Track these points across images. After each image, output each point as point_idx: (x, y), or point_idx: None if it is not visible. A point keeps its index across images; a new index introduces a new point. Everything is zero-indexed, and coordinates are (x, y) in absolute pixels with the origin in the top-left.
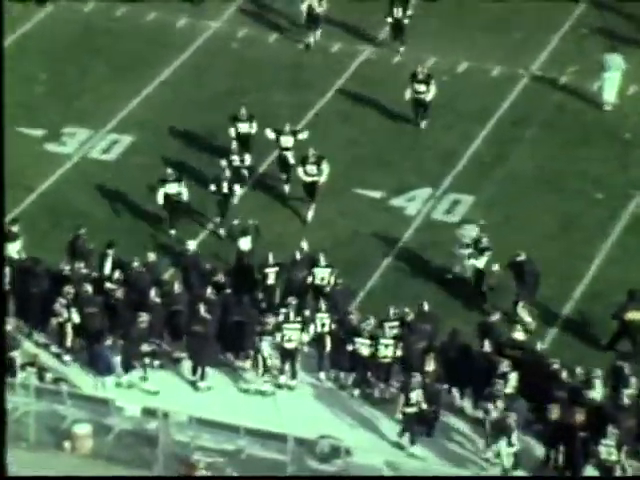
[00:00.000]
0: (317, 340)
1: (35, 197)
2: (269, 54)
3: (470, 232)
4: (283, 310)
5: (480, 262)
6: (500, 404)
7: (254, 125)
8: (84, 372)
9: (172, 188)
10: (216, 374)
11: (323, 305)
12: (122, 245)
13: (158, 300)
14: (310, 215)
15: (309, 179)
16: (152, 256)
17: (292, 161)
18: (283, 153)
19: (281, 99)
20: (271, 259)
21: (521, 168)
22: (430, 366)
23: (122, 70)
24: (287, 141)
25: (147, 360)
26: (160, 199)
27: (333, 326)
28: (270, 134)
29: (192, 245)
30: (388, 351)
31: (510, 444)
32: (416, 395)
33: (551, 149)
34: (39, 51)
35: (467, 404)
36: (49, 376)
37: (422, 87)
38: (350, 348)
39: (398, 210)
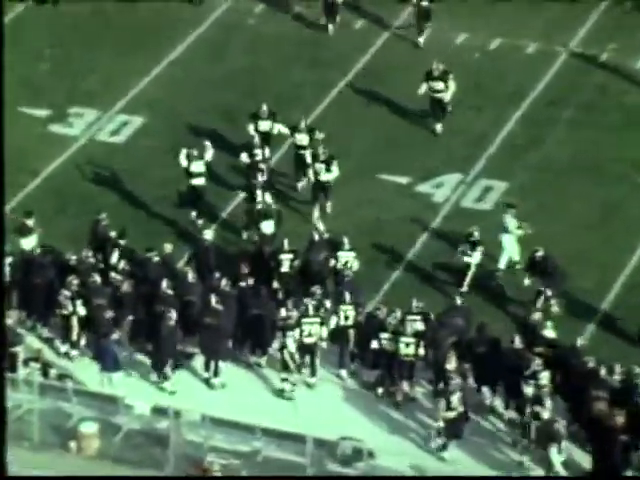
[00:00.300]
0: (339, 334)
1: (40, 181)
2: (288, 30)
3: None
4: (305, 299)
5: (473, 258)
6: (549, 405)
7: (276, 125)
8: (90, 368)
9: (197, 166)
10: (231, 370)
11: (347, 296)
12: (131, 232)
13: (170, 292)
14: (329, 206)
15: (318, 179)
16: (168, 247)
17: (309, 160)
18: (299, 152)
19: (301, 78)
20: (286, 245)
21: (557, 152)
22: (452, 364)
23: (132, 47)
24: (302, 139)
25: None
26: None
27: (359, 318)
28: (284, 129)
29: (208, 235)
30: (409, 349)
31: (560, 451)
32: (456, 398)
33: (590, 132)
34: (43, 26)
35: (498, 403)
36: (53, 372)
37: (439, 85)
38: (375, 345)
39: (425, 197)
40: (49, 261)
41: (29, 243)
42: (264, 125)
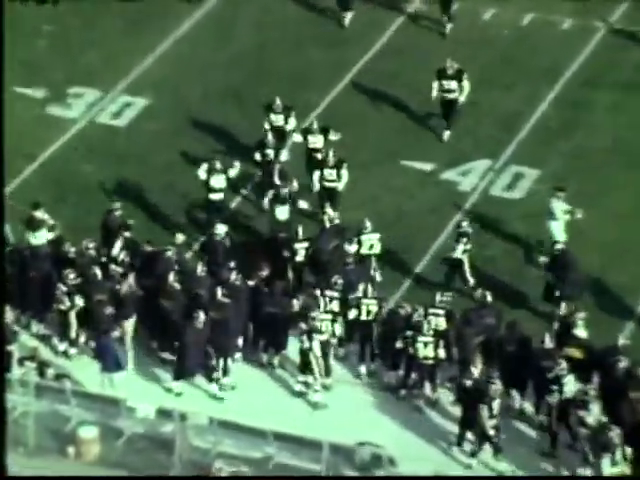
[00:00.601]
0: (361, 330)
1: (36, 167)
2: (302, 5)
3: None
4: (328, 292)
5: (456, 252)
6: (596, 410)
7: (291, 121)
8: (90, 367)
9: (218, 181)
10: (241, 370)
11: (369, 289)
12: (134, 222)
13: (178, 286)
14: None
15: (326, 185)
16: (180, 238)
17: None
18: (312, 155)
19: (316, 57)
20: (301, 233)
21: (594, 136)
22: (477, 367)
23: (135, 23)
24: (316, 141)
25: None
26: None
27: (381, 314)
28: (297, 137)
29: (222, 229)
30: (428, 350)
31: (615, 463)
32: (497, 405)
33: (630, 114)
34: (41, 2)
35: (528, 406)
36: (50, 372)
37: (452, 84)
38: (400, 345)
39: (451, 185)
40: (45, 252)
41: (40, 238)
42: (278, 120)
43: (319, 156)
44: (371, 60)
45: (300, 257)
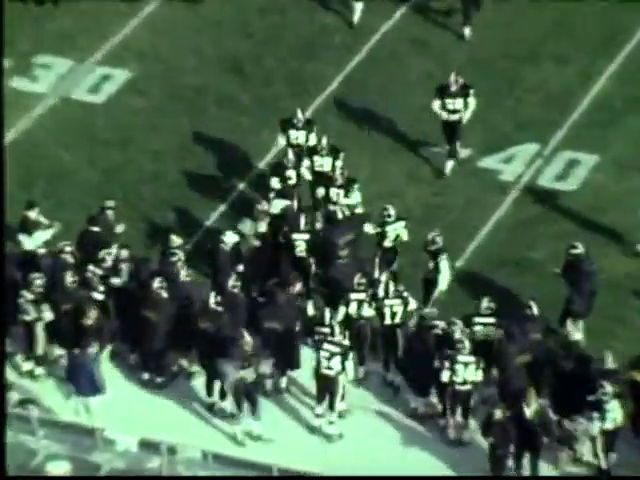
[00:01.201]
0: (385, 336)
1: None
2: None
3: None
4: (355, 296)
5: (441, 274)
6: None
7: (312, 137)
8: (61, 391)
9: (261, 225)
10: None
11: (391, 288)
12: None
13: (164, 294)
14: None
15: (333, 208)
16: (176, 240)
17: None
18: (317, 179)
19: (331, 22)
20: (303, 223)
21: None
22: (531, 406)
23: None
24: (323, 163)
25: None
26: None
27: (408, 318)
28: (305, 162)
29: (230, 238)
30: (468, 373)
31: None
32: (586, 449)
33: None
34: None
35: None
36: (14, 396)
37: (458, 103)
38: (437, 365)
39: (491, 174)
40: (10, 254)
41: (36, 241)
42: (298, 137)
43: (327, 173)
44: (396, 24)
45: (300, 251)
